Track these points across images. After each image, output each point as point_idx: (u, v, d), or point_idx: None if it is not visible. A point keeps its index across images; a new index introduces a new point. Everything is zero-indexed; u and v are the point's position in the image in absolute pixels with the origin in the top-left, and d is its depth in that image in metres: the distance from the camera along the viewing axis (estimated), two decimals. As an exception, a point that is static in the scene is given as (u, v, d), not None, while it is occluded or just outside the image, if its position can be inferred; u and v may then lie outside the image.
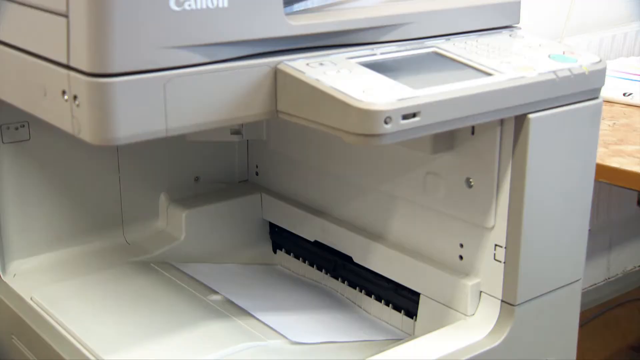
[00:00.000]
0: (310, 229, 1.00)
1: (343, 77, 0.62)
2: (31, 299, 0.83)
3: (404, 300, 0.88)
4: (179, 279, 0.90)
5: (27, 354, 0.80)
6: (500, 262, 0.75)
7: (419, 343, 0.74)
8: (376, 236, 0.90)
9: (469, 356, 0.72)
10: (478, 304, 0.77)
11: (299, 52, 0.66)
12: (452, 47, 0.74)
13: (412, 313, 0.87)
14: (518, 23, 0.82)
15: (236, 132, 1.04)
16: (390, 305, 0.90)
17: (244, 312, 0.82)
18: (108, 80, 0.55)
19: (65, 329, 0.76)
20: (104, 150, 0.96)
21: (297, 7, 0.69)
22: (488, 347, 0.73)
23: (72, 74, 0.57)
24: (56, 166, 0.92)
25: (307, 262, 1.03)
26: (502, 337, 0.74)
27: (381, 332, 0.86)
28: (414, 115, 0.59)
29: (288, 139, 1.02)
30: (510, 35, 0.79)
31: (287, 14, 0.64)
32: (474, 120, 0.65)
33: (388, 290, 0.90)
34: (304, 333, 0.80)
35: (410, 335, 0.85)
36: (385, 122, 0.57)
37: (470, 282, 0.77)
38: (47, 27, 0.59)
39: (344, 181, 0.95)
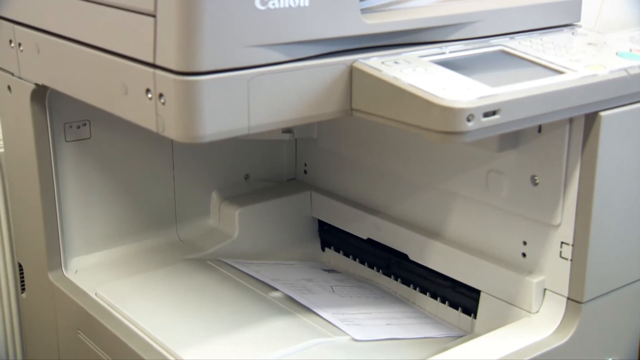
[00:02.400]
0: (363, 227, 1.00)
1: (420, 75, 0.63)
2: (96, 294, 0.84)
3: (462, 298, 0.88)
4: (237, 276, 0.91)
5: (94, 349, 0.81)
6: (566, 259, 0.75)
7: (485, 340, 0.74)
8: (433, 234, 0.91)
9: (536, 354, 0.72)
10: (542, 301, 0.77)
11: (372, 51, 0.66)
12: (518, 46, 0.74)
13: (470, 310, 0.87)
14: (579, 21, 0.82)
15: (287, 130, 1.05)
16: (447, 302, 0.91)
17: (305, 309, 0.83)
18: (196, 79, 0.56)
19: (134, 324, 0.77)
20: (159, 149, 0.97)
21: (366, 3, 0.69)
22: (555, 345, 0.73)
23: (158, 72, 0.58)
24: (114, 164, 0.94)
25: (357, 259, 1.04)
26: (569, 335, 0.74)
27: (439, 329, 0.86)
28: (493, 113, 0.60)
29: (340, 137, 1.03)
30: (572, 33, 0.79)
31: (363, 13, 0.65)
32: (549, 118, 0.65)
33: (445, 288, 0.90)
34: (366, 330, 0.80)
35: (469, 333, 0.86)
36: (468, 120, 0.58)
37: (535, 280, 0.77)
38: (132, 27, 0.60)
39: (398, 179, 0.95)
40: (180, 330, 0.76)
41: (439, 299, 0.92)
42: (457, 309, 0.89)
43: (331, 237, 1.08)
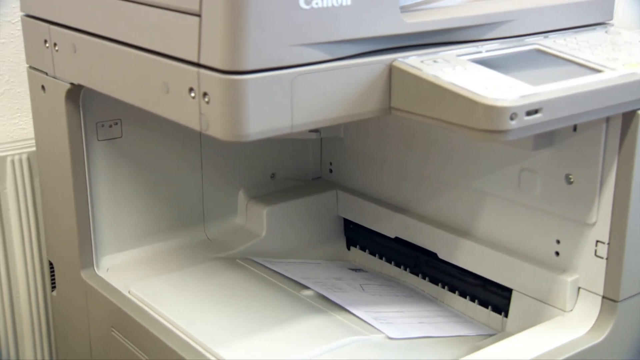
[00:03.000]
0: (390, 226, 1.00)
1: (460, 73, 0.63)
2: (129, 292, 0.85)
3: (493, 296, 0.88)
4: (267, 274, 0.91)
5: (128, 346, 0.81)
6: (602, 258, 0.75)
7: (520, 338, 0.74)
8: (463, 232, 0.91)
9: (571, 353, 0.72)
10: (576, 300, 0.77)
11: (410, 50, 0.67)
12: (552, 44, 0.74)
13: (500, 309, 0.87)
14: (612, 19, 0.82)
15: (314, 129, 1.05)
16: (476, 301, 0.91)
17: (337, 307, 0.83)
18: (241, 77, 0.56)
19: (170, 322, 0.77)
20: (188, 148, 0.98)
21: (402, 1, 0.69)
22: (590, 344, 0.73)
23: (203, 71, 0.58)
24: (145, 163, 0.94)
25: (384, 258, 1.04)
26: (605, 334, 0.74)
27: (470, 327, 0.86)
28: (536, 111, 0.60)
29: (367, 136, 1.03)
30: (606, 32, 0.79)
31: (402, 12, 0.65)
32: (589, 116, 0.65)
33: (475, 286, 0.90)
34: (399, 328, 0.80)
35: (500, 331, 0.86)
36: (511, 119, 0.58)
37: (569, 278, 0.77)
38: (176, 27, 0.60)
39: (427, 177, 0.95)
40: (217, 328, 0.76)
41: (468, 297, 0.92)
42: (487, 308, 0.89)
43: (357, 235, 1.08)
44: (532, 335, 0.74)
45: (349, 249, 1.10)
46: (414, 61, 0.65)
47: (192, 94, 0.60)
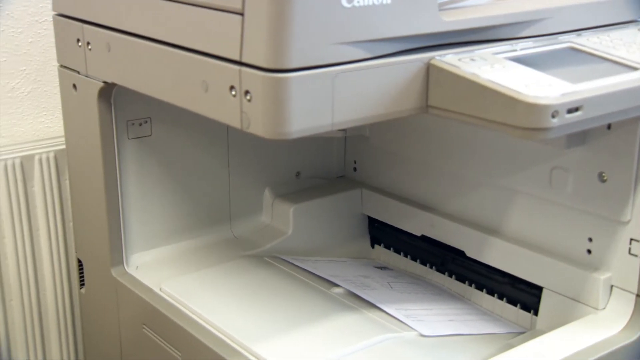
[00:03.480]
0: (417, 224, 1.01)
1: (498, 71, 0.63)
2: (160, 289, 0.85)
3: (522, 294, 0.88)
4: (296, 272, 0.92)
5: (161, 344, 0.82)
6: (636, 256, 0.75)
7: (553, 336, 0.74)
8: (491, 230, 0.91)
9: (606, 351, 0.72)
10: (609, 298, 0.78)
11: (447, 48, 0.67)
12: (586, 42, 0.74)
13: (529, 307, 0.87)
14: (643, 17, 0.82)
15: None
16: (505, 299, 0.91)
17: (367, 305, 0.83)
18: (284, 76, 0.57)
19: (203, 320, 0.78)
20: (216, 147, 0.98)
21: None
22: (625, 342, 0.73)
23: (245, 69, 0.59)
24: (173, 162, 0.95)
25: (409, 256, 1.04)
26: (639, 332, 0.74)
27: (500, 325, 0.86)
28: (576, 109, 0.60)
29: (393, 135, 1.03)
30: (639, 29, 0.79)
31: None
32: (628, 114, 0.65)
33: (503, 284, 0.90)
34: (431, 325, 0.80)
35: (529, 329, 0.86)
36: (552, 116, 0.58)
37: (602, 276, 0.77)
38: (217, 25, 0.61)
39: (454, 176, 0.96)
40: (251, 325, 0.77)
41: (495, 295, 0.92)
42: (516, 306, 0.89)
43: (382, 234, 1.08)
44: (565, 334, 0.74)
45: (373, 247, 1.10)
46: (451, 59, 0.65)
47: (233, 92, 0.61)
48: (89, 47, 0.81)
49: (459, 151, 0.94)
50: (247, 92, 0.59)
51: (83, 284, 1.00)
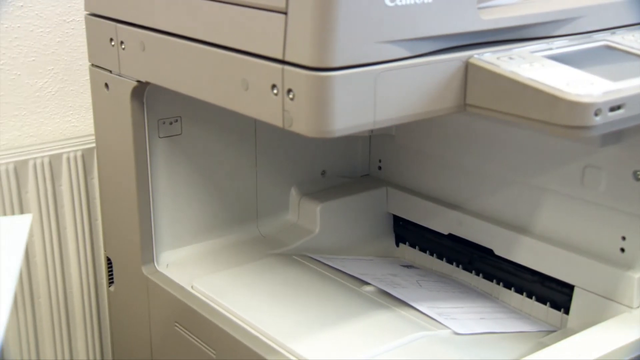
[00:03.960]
0: (444, 222, 1.01)
1: (538, 69, 0.63)
2: (192, 287, 0.86)
3: (552, 293, 0.88)
4: (325, 270, 0.92)
5: (193, 341, 0.82)
6: (670, 254, 0.75)
7: (588, 335, 0.74)
8: (521, 229, 0.91)
9: (641, 348, 0.73)
10: (643, 296, 0.78)
11: (484, 47, 0.67)
12: (622, 40, 0.74)
13: (559, 305, 0.88)
14: (676, 15, 0.82)
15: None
16: (534, 297, 0.91)
17: (399, 303, 0.84)
18: (329, 74, 0.57)
19: (237, 317, 0.78)
20: (244, 146, 0.99)
21: None
22: (660, 340, 0.73)
23: (288, 68, 0.59)
24: (202, 160, 0.95)
25: (435, 255, 1.04)
26: (674, 330, 0.74)
27: (531, 323, 0.86)
28: (618, 107, 0.60)
29: (420, 133, 1.03)
30: (672, 28, 0.79)
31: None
32: (667, 112, 0.65)
33: (533, 283, 0.90)
34: (464, 323, 0.81)
35: (560, 328, 0.86)
36: (595, 114, 0.58)
37: (636, 275, 0.77)
38: (259, 24, 0.61)
39: (482, 174, 0.96)
40: (285, 323, 0.77)
41: (524, 293, 0.92)
42: (546, 304, 0.89)
43: (407, 232, 1.09)
44: (600, 332, 0.74)
45: (397, 245, 1.10)
46: (489, 58, 0.65)
47: (275, 91, 0.61)
48: (123, 46, 0.82)
49: (488, 149, 0.94)
50: (289, 91, 0.59)
51: (112, 282, 1.00)
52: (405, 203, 1.07)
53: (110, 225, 0.97)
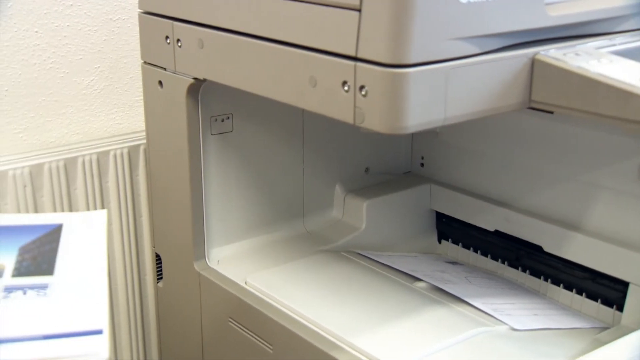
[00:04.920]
0: (490, 219, 1.01)
1: (606, 65, 0.63)
2: (246, 283, 0.86)
3: (605, 289, 0.88)
4: (375, 266, 0.92)
5: (249, 336, 0.83)
6: None
7: (648, 331, 0.74)
8: (571, 225, 0.91)
9: (702, 344, 0.72)
10: (701, 292, 0.78)
11: (549, 43, 0.67)
12: (681, 36, 0.74)
13: (612, 302, 0.88)
14: None
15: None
16: (584, 294, 0.91)
17: (453, 299, 0.84)
18: (404, 71, 0.57)
19: (295, 312, 0.79)
20: (292, 143, 0.99)
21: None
22: None
23: (360, 65, 0.59)
24: (252, 157, 0.96)
25: (479, 251, 1.05)
26: None
27: (583, 320, 0.86)
28: (690, 103, 0.60)
29: (466, 131, 1.04)
30: None
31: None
32: None
33: (584, 280, 0.90)
34: (519, 319, 0.81)
35: (613, 325, 0.86)
36: (669, 110, 0.58)
37: (694, 271, 0.77)
38: (330, 21, 0.62)
39: (530, 170, 0.96)
40: (343, 318, 0.77)
41: (574, 290, 0.92)
42: (597, 301, 0.89)
43: (450, 229, 1.09)
44: (659, 328, 0.75)
45: (439, 242, 1.10)
46: (556, 54, 0.65)
47: (346, 88, 0.61)
48: (179, 44, 0.83)
49: (537, 146, 0.94)
50: (362, 88, 0.60)
51: (160, 278, 1.01)
52: (450, 200, 1.07)
53: (160, 222, 0.97)
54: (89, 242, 0.52)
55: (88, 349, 0.39)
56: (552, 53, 0.65)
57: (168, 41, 0.84)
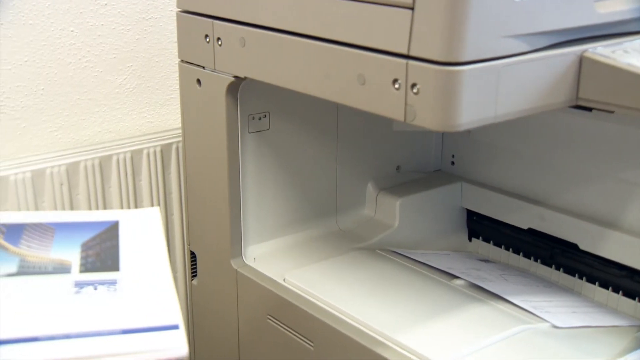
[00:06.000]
0: (523, 217, 1.01)
1: (656, 63, 0.63)
2: (284, 280, 0.87)
3: (643, 287, 0.88)
4: (411, 264, 0.93)
5: (288, 333, 0.83)
6: None
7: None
8: (608, 223, 0.91)
9: None
10: None
11: (595, 41, 0.67)
12: None
13: (649, 300, 0.88)
14: None
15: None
16: (621, 292, 0.91)
17: (492, 296, 0.84)
18: (458, 69, 0.58)
19: (336, 309, 0.79)
20: (326, 141, 0.99)
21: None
22: None
23: (413, 62, 0.60)
24: (287, 155, 0.96)
25: (510, 249, 1.05)
26: None
27: (621, 318, 0.86)
28: None
29: (498, 129, 1.04)
30: None
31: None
32: None
33: (621, 277, 0.90)
34: (559, 317, 0.81)
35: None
36: None
37: None
38: (381, 20, 0.62)
39: (564, 168, 0.96)
40: (386, 314, 0.78)
41: (610, 288, 0.92)
42: (634, 299, 0.89)
43: (481, 227, 1.09)
44: (703, 325, 0.75)
45: (469, 240, 1.11)
46: (604, 51, 0.65)
47: (396, 85, 0.62)
48: (219, 42, 0.83)
49: (572, 143, 0.94)
50: (414, 85, 0.60)
51: (194, 276, 1.02)
52: (482, 198, 1.07)
53: (196, 220, 0.98)
54: (147, 238, 0.52)
55: (167, 344, 0.39)
56: (600, 50, 0.66)
57: (207, 40, 0.85)
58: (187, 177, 0.98)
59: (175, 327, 0.42)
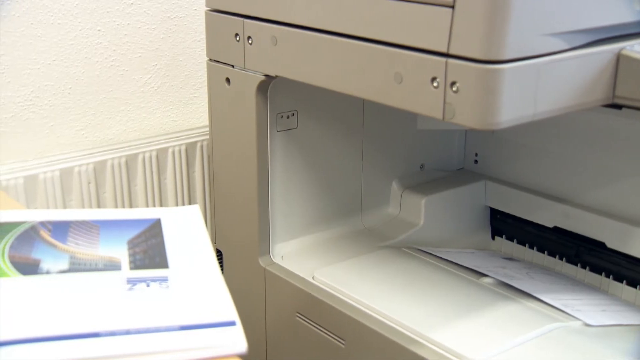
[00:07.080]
0: (548, 215, 1.01)
1: (693, 61, 0.63)
2: (313, 278, 0.87)
3: (671, 285, 0.88)
4: (438, 262, 0.93)
5: (318, 330, 0.83)
6: None
7: None
8: (636, 221, 0.91)
9: None
10: None
11: (635, 38, 0.67)
12: None
13: (678, 298, 0.88)
14: None
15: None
16: (648, 290, 0.91)
17: (521, 294, 0.84)
18: (498, 67, 0.58)
19: (366, 306, 0.79)
20: (352, 140, 1.00)
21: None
22: None
23: (452, 61, 0.60)
24: (314, 154, 0.96)
25: (535, 247, 1.05)
26: None
27: (649, 316, 0.87)
28: None
29: (522, 127, 1.03)
30: None
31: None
32: None
33: (649, 276, 0.91)
34: (591, 315, 0.81)
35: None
36: None
37: None
38: (421, 18, 0.62)
39: (593, 167, 0.96)
40: (417, 312, 0.78)
41: (638, 287, 0.92)
42: (662, 297, 0.90)
43: (505, 225, 1.09)
44: None
45: (493, 238, 1.11)
46: (641, 50, 0.66)
47: (435, 84, 0.62)
48: (250, 41, 0.83)
49: (598, 141, 0.94)
50: (453, 84, 0.60)
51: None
52: (506, 196, 1.07)
53: (223, 218, 0.98)
54: (191, 235, 0.53)
55: (225, 340, 0.40)
56: (637, 48, 0.66)
57: (237, 38, 0.85)
58: (213, 175, 0.98)
59: (232, 323, 0.42)
